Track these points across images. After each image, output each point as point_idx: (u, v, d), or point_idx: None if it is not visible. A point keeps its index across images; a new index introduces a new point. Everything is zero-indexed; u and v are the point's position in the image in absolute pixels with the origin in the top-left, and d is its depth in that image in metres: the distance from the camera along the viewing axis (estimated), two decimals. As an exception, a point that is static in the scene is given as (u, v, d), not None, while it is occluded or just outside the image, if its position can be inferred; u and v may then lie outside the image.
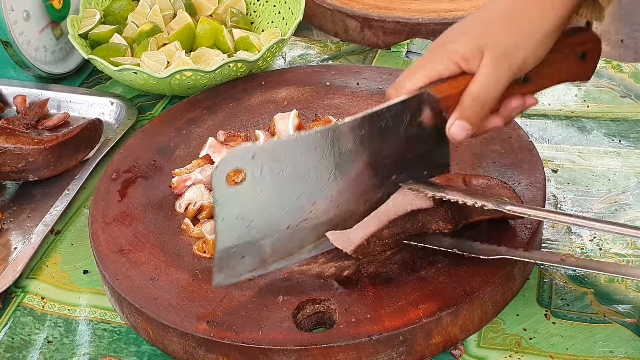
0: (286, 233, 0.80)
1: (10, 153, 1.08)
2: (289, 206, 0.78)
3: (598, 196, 1.01)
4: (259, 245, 0.78)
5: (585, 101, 1.20)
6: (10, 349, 0.89)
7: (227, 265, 0.78)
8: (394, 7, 1.45)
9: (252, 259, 0.79)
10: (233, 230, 0.76)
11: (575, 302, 0.87)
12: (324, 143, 0.78)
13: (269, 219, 0.78)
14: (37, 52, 1.31)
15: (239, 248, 0.77)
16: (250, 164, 0.74)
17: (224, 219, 0.75)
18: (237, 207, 0.75)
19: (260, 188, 0.75)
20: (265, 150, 0.75)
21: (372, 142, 0.81)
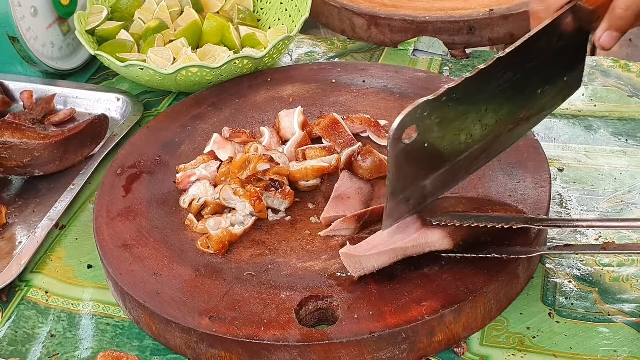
0: (445, 169, 0.83)
1: (16, 148, 1.08)
2: (451, 146, 0.81)
3: (604, 195, 1.01)
4: (422, 186, 0.82)
5: (592, 100, 1.19)
6: (13, 342, 0.89)
7: (396, 210, 0.81)
8: (401, 5, 1.44)
9: (415, 200, 0.82)
10: (403, 180, 0.79)
11: (580, 301, 0.87)
12: (487, 80, 0.80)
13: (432, 162, 0.81)
14: (44, 48, 1.31)
15: (406, 193, 0.81)
16: (422, 118, 0.76)
17: (395, 171, 0.78)
18: (408, 159, 0.78)
19: (429, 138, 0.78)
20: (436, 103, 0.76)
21: (525, 65, 0.82)
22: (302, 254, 0.90)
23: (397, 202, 0.81)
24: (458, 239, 0.84)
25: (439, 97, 0.76)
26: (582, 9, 0.82)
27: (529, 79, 0.84)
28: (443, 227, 0.83)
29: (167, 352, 0.86)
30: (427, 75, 1.19)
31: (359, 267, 0.84)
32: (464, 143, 0.83)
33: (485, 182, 0.96)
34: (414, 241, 0.84)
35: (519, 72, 0.83)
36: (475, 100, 0.81)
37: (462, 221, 0.82)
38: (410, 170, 0.80)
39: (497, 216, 0.84)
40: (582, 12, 0.83)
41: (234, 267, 0.89)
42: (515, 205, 0.91)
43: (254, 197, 0.93)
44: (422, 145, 0.78)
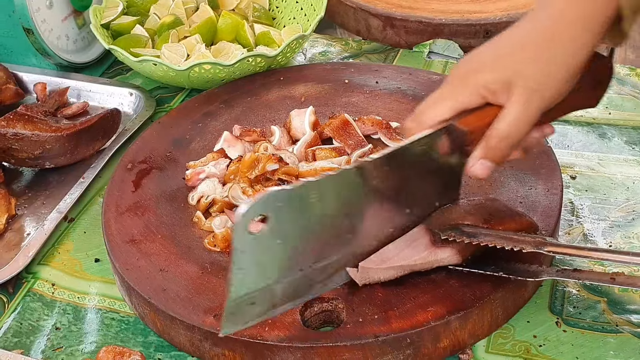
0: (298, 275, 0.76)
1: (27, 139, 1.08)
2: (305, 249, 0.76)
3: (616, 204, 1.00)
4: (271, 290, 0.74)
5: (607, 108, 1.18)
6: (18, 334, 0.89)
7: (238, 313, 0.73)
8: (417, 7, 1.44)
9: (262, 305, 0.75)
10: (249, 277, 0.72)
11: (588, 311, 0.86)
12: (351, 182, 0.76)
13: (284, 264, 0.74)
14: (58, 41, 1.31)
15: (251, 295, 0.73)
16: (276, 210, 0.70)
17: (241, 268, 0.70)
18: (256, 254, 0.71)
19: (282, 234, 0.72)
20: (292, 195, 0.71)
21: (392, 179, 0.79)
22: (309, 255, 0.89)
23: (239, 304, 0.72)
24: (467, 255, 0.82)
25: (293, 189, 0.71)
26: (457, 130, 0.78)
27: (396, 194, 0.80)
28: (452, 244, 0.81)
29: (171, 349, 0.86)
30: (442, 78, 1.18)
31: (365, 277, 0.82)
32: (323, 249, 0.77)
33: (496, 188, 0.95)
34: (424, 259, 0.82)
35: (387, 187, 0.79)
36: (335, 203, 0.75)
37: (472, 239, 0.80)
38: (258, 270, 0.72)
39: (508, 237, 0.81)
40: (456, 134, 0.78)
41: (241, 266, 0.89)
42: (526, 212, 0.90)
43: None
44: (275, 242, 0.71)
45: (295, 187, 0.71)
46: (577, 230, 0.96)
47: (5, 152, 1.09)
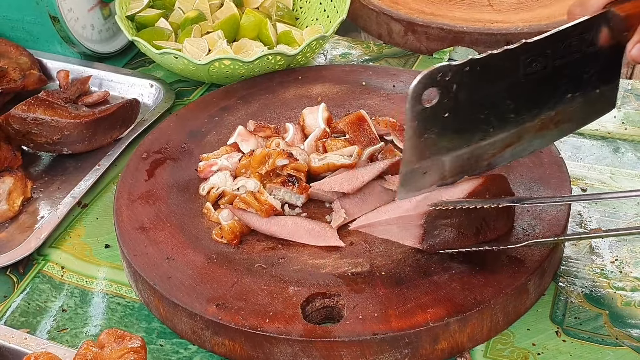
0: (466, 150, 0.81)
1: (47, 124, 1.10)
2: (473, 125, 0.80)
3: (625, 219, 0.99)
4: (441, 162, 0.80)
5: (624, 123, 1.18)
6: (25, 314, 0.91)
7: (411, 181, 0.80)
8: (440, 14, 1.44)
9: (433, 175, 0.81)
10: (420, 149, 0.78)
11: (589, 322, 0.86)
12: (513, 62, 0.79)
13: (453, 138, 0.80)
14: (84, 30, 1.33)
15: (423, 165, 0.79)
16: (444, 84, 0.75)
17: (412, 137, 0.76)
18: (426, 125, 0.76)
19: (450, 107, 0.77)
20: (458, 70, 0.75)
21: (554, 60, 0.82)
22: (313, 251, 0.90)
23: (413, 172, 0.79)
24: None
25: (461, 65, 0.75)
26: (615, 16, 0.82)
27: (558, 78, 0.83)
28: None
29: (173, 336, 0.87)
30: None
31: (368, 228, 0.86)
32: (488, 126, 0.81)
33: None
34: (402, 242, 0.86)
35: (548, 67, 0.81)
36: (499, 81, 0.79)
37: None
38: (429, 139, 0.77)
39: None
40: (615, 19, 0.82)
41: (246, 258, 0.90)
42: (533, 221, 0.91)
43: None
44: (443, 114, 0.76)
45: (462, 63, 0.75)
46: (584, 242, 0.96)
47: (25, 136, 1.11)
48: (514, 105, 0.82)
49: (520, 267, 0.86)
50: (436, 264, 0.86)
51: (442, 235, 0.84)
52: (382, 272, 0.86)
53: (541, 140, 0.88)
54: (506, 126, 0.83)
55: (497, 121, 0.82)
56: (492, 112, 0.81)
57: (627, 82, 1.27)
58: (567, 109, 0.86)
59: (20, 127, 1.10)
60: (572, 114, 0.87)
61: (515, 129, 0.83)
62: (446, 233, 0.84)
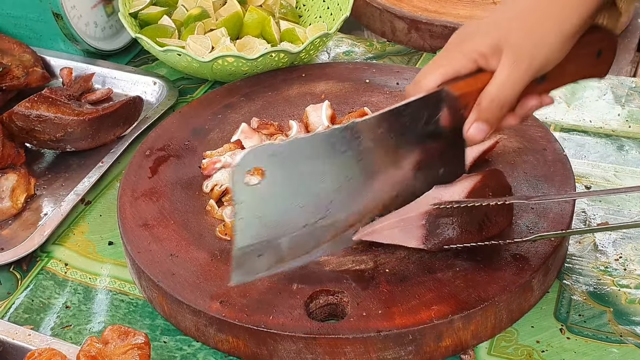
0: (303, 231, 0.79)
1: (50, 122, 1.10)
2: (307, 204, 0.78)
3: (629, 217, 0.99)
4: (277, 243, 0.78)
5: (628, 121, 1.17)
6: (28, 311, 0.91)
7: (245, 263, 0.77)
8: (443, 12, 1.44)
9: (269, 257, 0.78)
10: (251, 228, 0.75)
11: (593, 320, 0.86)
12: (343, 141, 0.78)
13: (286, 217, 0.77)
14: (87, 27, 1.33)
15: (257, 247, 0.77)
16: (270, 162, 0.73)
17: (242, 218, 0.74)
18: (256, 205, 0.74)
19: (279, 187, 0.75)
20: (285, 148, 0.74)
21: (390, 141, 0.81)
22: (317, 248, 0.90)
23: (246, 255, 0.76)
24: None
25: (287, 144, 0.73)
26: (449, 94, 0.80)
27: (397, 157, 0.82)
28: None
29: (177, 333, 0.87)
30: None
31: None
32: (325, 208, 0.78)
33: (508, 193, 0.95)
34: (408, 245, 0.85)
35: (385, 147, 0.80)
36: (333, 163, 0.77)
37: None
38: (259, 220, 0.74)
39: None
40: (449, 98, 0.80)
41: (250, 255, 0.90)
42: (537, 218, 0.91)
43: None
44: (272, 194, 0.74)
45: (286, 142, 0.73)
46: (588, 240, 0.96)
47: (28, 133, 1.11)
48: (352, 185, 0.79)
49: (525, 264, 0.85)
50: (440, 261, 0.86)
51: (445, 233, 0.84)
52: (385, 270, 0.86)
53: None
54: (346, 207, 0.80)
55: (335, 203, 0.79)
56: (327, 193, 0.78)
57: (631, 80, 1.27)
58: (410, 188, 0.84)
59: (23, 125, 1.10)
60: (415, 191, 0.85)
61: (356, 209, 0.81)
62: (449, 231, 0.84)
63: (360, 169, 0.80)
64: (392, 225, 0.84)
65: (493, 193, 0.86)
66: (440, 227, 0.83)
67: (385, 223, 0.85)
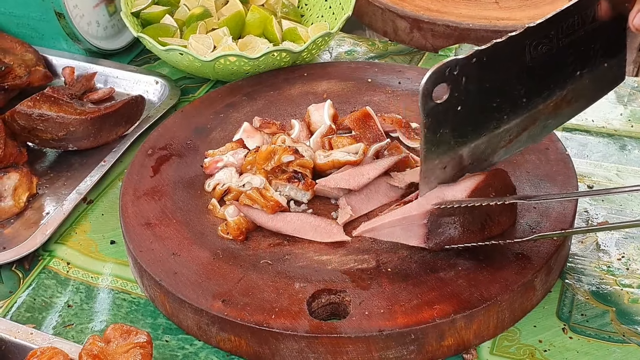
0: (483, 140, 0.82)
1: (52, 121, 1.10)
2: (486, 115, 0.81)
3: (631, 216, 0.99)
4: (459, 154, 0.82)
5: (630, 121, 1.17)
6: (30, 309, 0.91)
7: (432, 176, 0.82)
8: (445, 11, 1.44)
9: (453, 168, 0.82)
10: (437, 144, 0.79)
11: (596, 319, 0.86)
12: (518, 48, 0.79)
13: (468, 130, 0.80)
14: (89, 27, 1.33)
15: (442, 160, 0.81)
16: (453, 78, 0.75)
17: (427, 134, 0.77)
18: (441, 121, 0.77)
19: (462, 100, 0.77)
20: (466, 62, 0.76)
21: (559, 41, 0.82)
22: (319, 247, 0.90)
23: (433, 168, 0.80)
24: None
25: (468, 57, 0.76)
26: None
27: (565, 57, 0.83)
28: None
29: (179, 332, 0.87)
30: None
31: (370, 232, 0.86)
32: (501, 114, 0.81)
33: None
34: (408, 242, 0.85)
35: (553, 48, 0.81)
36: (507, 69, 0.79)
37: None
38: (445, 134, 0.78)
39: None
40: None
41: (252, 254, 0.90)
42: (539, 217, 0.90)
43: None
44: (456, 108, 0.77)
45: (468, 55, 0.75)
46: (591, 239, 0.96)
47: (31, 132, 1.11)
48: (525, 90, 0.82)
49: (527, 263, 0.85)
50: (442, 260, 0.86)
51: (447, 233, 0.84)
52: (388, 269, 0.86)
53: (555, 120, 0.88)
54: (519, 111, 0.83)
55: (510, 108, 0.82)
56: (503, 99, 0.81)
57: (633, 80, 1.26)
58: (578, 86, 0.86)
59: (25, 124, 1.10)
60: (583, 91, 0.88)
61: (528, 113, 0.84)
62: (450, 230, 0.84)
63: (533, 73, 0.82)
64: (393, 224, 0.84)
65: (496, 193, 0.85)
66: (442, 227, 0.83)
67: (387, 221, 0.85)
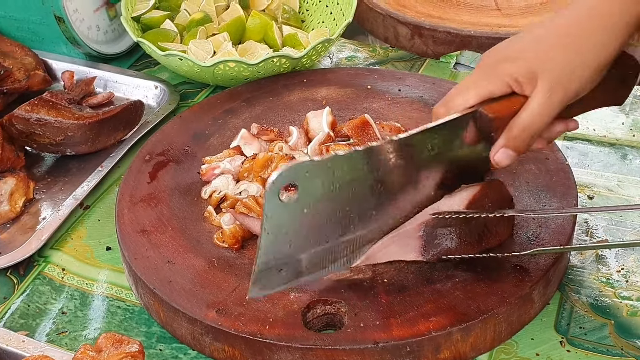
0: (325, 247, 0.79)
1: (50, 125, 1.10)
2: (333, 221, 0.78)
3: (632, 227, 0.98)
4: (298, 259, 0.78)
5: (632, 130, 1.16)
6: (24, 316, 0.90)
7: (265, 278, 0.77)
8: (447, 18, 1.43)
9: (289, 272, 0.78)
10: (276, 245, 0.75)
11: (594, 332, 0.85)
12: (376, 159, 0.77)
13: (311, 234, 0.77)
14: (89, 31, 1.33)
15: (279, 262, 0.77)
16: (304, 179, 0.72)
17: (269, 234, 0.74)
18: (284, 222, 0.74)
19: (310, 204, 0.74)
20: (318, 166, 0.73)
21: (418, 159, 0.81)
22: (316, 256, 0.89)
23: (268, 270, 0.76)
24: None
25: (324, 161, 0.73)
26: (483, 116, 0.80)
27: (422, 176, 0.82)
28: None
29: (172, 341, 0.87)
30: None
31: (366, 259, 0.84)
32: (348, 223, 0.78)
33: (509, 203, 0.94)
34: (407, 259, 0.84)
35: (412, 165, 0.80)
36: (362, 178, 0.77)
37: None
38: (286, 235, 0.75)
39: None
40: (482, 119, 0.80)
41: (247, 263, 0.89)
42: (538, 228, 0.90)
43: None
44: (302, 210, 0.74)
45: (322, 159, 0.74)
46: (590, 251, 0.95)
47: (28, 136, 1.10)
48: (376, 202, 0.79)
49: (525, 275, 0.84)
50: (439, 271, 0.85)
51: (443, 244, 0.83)
52: (384, 279, 0.85)
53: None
54: (368, 224, 0.80)
55: (359, 218, 0.79)
56: (353, 209, 0.78)
57: (635, 89, 1.25)
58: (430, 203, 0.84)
59: (23, 128, 1.09)
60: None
61: (376, 225, 0.81)
62: (447, 242, 0.83)
63: (387, 186, 0.80)
64: (386, 244, 0.82)
65: (493, 204, 0.85)
66: (438, 238, 0.82)
67: (379, 244, 0.82)
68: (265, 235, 0.73)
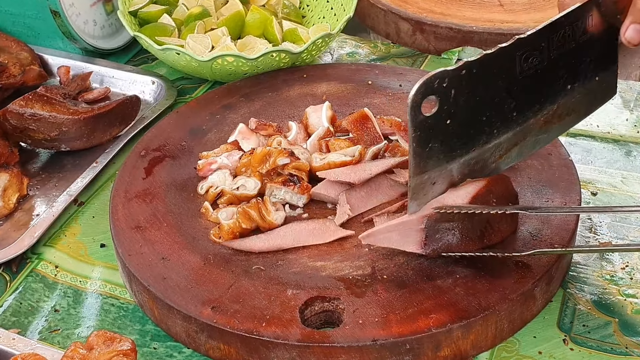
0: (472, 155, 0.80)
1: (44, 120, 1.08)
2: (476, 129, 0.79)
3: (636, 224, 0.96)
4: (449, 169, 0.80)
5: (636, 126, 1.14)
6: (16, 314, 0.89)
7: (421, 192, 0.79)
8: (449, 14, 1.41)
9: (442, 184, 0.80)
10: (426, 159, 0.77)
11: (598, 330, 0.83)
12: (509, 60, 0.77)
13: (457, 144, 0.78)
14: (86, 25, 1.31)
15: (431, 175, 0.78)
16: (442, 90, 0.73)
17: (416, 148, 0.75)
18: (430, 135, 0.75)
19: (452, 113, 0.75)
20: (455, 74, 0.74)
21: (550, 53, 0.80)
22: (314, 253, 0.87)
23: (422, 183, 0.78)
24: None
25: (457, 69, 0.74)
26: (605, 1, 0.81)
27: (556, 70, 0.81)
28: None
29: (167, 339, 0.85)
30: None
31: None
32: (492, 128, 0.79)
33: (512, 198, 0.93)
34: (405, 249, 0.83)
35: (544, 60, 0.80)
36: (497, 81, 0.77)
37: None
38: (434, 148, 0.76)
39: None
40: (606, 4, 0.81)
41: (244, 259, 0.87)
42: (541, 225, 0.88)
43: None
44: (445, 121, 0.75)
45: (457, 67, 0.74)
46: (594, 247, 0.93)
47: (23, 132, 1.09)
48: (515, 103, 0.80)
49: (527, 272, 0.83)
50: (440, 267, 0.84)
51: (445, 239, 0.81)
52: (384, 276, 0.83)
53: (547, 135, 0.86)
54: (510, 125, 0.81)
55: (500, 122, 0.80)
56: (493, 113, 0.79)
57: (639, 85, 1.24)
58: (569, 100, 0.84)
59: (17, 123, 1.08)
60: (574, 105, 0.85)
61: (519, 128, 0.82)
62: (449, 237, 0.81)
63: (523, 86, 0.80)
64: (390, 229, 0.81)
65: (497, 199, 0.83)
66: (440, 232, 0.81)
67: (383, 226, 0.82)
68: (414, 150, 0.74)
